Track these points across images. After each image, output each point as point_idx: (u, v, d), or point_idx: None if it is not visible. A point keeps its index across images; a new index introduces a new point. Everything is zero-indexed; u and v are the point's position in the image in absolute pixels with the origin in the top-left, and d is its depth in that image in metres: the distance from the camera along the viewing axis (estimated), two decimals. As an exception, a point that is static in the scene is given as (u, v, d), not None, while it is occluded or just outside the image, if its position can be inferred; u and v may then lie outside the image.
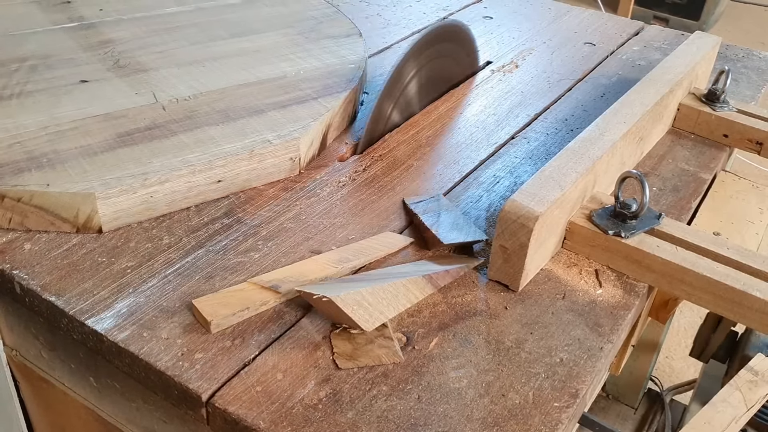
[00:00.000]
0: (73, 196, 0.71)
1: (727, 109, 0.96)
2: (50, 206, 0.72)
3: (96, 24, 1.06)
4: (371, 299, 0.62)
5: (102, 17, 1.08)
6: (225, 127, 0.83)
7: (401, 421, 0.56)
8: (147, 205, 0.75)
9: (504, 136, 0.95)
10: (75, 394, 0.76)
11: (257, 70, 0.97)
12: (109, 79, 0.92)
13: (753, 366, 0.66)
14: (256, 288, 0.66)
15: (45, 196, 0.71)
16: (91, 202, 0.72)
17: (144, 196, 0.74)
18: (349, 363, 0.60)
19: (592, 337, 0.65)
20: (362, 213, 0.79)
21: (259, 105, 0.89)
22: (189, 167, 0.76)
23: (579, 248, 0.74)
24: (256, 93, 0.92)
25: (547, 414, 0.58)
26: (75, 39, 1.02)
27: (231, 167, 0.78)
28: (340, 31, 1.10)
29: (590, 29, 1.29)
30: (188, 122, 0.84)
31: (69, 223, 0.73)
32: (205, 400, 0.57)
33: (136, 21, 1.09)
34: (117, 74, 0.94)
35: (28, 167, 0.75)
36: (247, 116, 0.86)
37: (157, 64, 0.97)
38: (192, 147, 0.79)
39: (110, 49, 1.00)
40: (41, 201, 0.71)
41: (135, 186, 0.73)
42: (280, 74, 0.97)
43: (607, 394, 1.46)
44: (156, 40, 1.04)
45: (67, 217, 0.72)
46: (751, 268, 0.68)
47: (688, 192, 0.87)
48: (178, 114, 0.86)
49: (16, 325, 0.76)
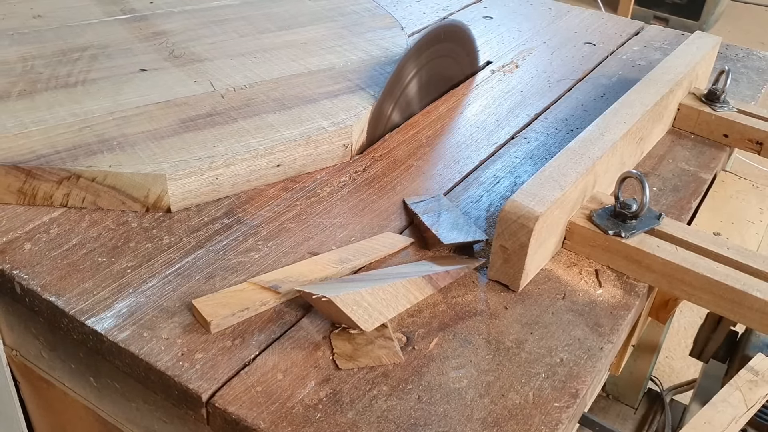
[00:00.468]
0: (145, 176, 0.75)
1: (727, 109, 0.96)
2: (122, 186, 0.76)
3: (148, 16, 1.12)
4: (370, 299, 0.62)
5: (153, 10, 1.15)
6: (281, 115, 0.88)
7: (401, 421, 0.56)
8: (212, 186, 0.79)
9: (504, 136, 0.95)
10: (75, 394, 0.76)
11: (306, 62, 1.02)
12: (167, 69, 0.97)
13: (753, 366, 0.66)
14: (256, 288, 0.66)
15: (118, 177, 0.76)
16: (162, 183, 0.76)
17: (210, 178, 0.78)
18: (349, 363, 0.60)
19: (592, 337, 0.65)
20: (362, 213, 0.79)
21: (312, 94, 0.94)
22: (252, 152, 0.80)
23: (579, 248, 0.74)
24: (308, 83, 0.97)
25: (547, 414, 0.58)
26: (130, 30, 1.08)
27: (290, 152, 0.83)
28: (381, 24, 1.16)
29: (590, 29, 1.29)
30: (246, 110, 0.89)
31: (139, 202, 0.77)
32: (205, 400, 0.57)
33: (186, 14, 1.15)
34: (174, 64, 0.99)
35: (100, 149, 0.79)
36: (302, 104, 0.91)
37: (211, 55, 1.02)
38: (253, 133, 0.84)
39: (164, 40, 1.05)
40: (114, 181, 0.76)
41: (202, 168, 0.77)
42: (329, 65, 1.02)
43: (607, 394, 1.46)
44: (207, 32, 1.09)
45: (138, 196, 0.76)
46: (751, 268, 0.68)
47: (688, 192, 0.87)
48: (236, 102, 0.91)
49: (16, 325, 0.77)
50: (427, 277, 0.67)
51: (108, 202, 0.77)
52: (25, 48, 0.99)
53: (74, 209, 0.77)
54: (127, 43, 1.04)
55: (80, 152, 0.78)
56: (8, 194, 0.76)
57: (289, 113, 0.88)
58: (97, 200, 0.77)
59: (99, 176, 0.76)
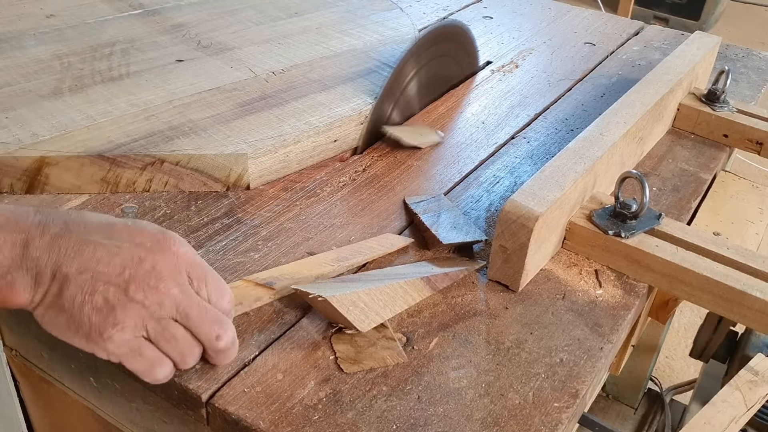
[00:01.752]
0: (227, 157, 0.79)
1: (727, 109, 0.96)
2: (205, 168, 0.79)
3: (159, 10, 1.15)
4: (367, 300, 0.62)
5: (162, 4, 1.17)
6: (328, 94, 0.93)
7: (401, 422, 0.56)
8: (284, 163, 0.84)
9: (504, 136, 0.95)
10: (75, 394, 0.76)
11: (328, 45, 1.08)
12: (201, 58, 1.01)
13: (753, 366, 0.66)
14: (250, 285, 0.66)
15: (201, 159, 0.79)
16: (243, 162, 0.80)
17: (282, 155, 0.83)
18: (354, 367, 0.60)
19: (592, 337, 0.65)
20: (362, 213, 0.79)
21: (347, 74, 0.99)
22: (314, 128, 0.85)
23: (579, 248, 0.74)
24: (339, 64, 1.02)
25: (547, 414, 0.58)
26: (148, 24, 1.10)
27: (344, 128, 0.89)
28: (381, 7, 1.23)
29: (590, 29, 1.29)
30: (293, 92, 0.94)
31: (221, 182, 0.81)
32: (205, 400, 0.57)
33: (195, 6, 1.18)
34: (205, 53, 1.02)
35: (175, 135, 0.82)
36: (342, 83, 0.96)
37: (237, 43, 1.06)
38: (309, 112, 0.89)
39: (186, 31, 1.08)
40: (197, 164, 0.79)
41: (276, 146, 0.82)
42: (350, 47, 1.07)
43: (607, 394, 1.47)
44: (222, 22, 1.13)
45: (220, 177, 0.80)
46: (751, 268, 0.68)
47: (688, 192, 0.87)
48: (280, 85, 0.95)
49: (16, 325, 0.76)
50: (426, 279, 0.67)
51: (190, 184, 0.80)
52: (54, 47, 1.00)
53: (73, 210, 0.77)
54: (151, 36, 1.06)
55: (157, 139, 0.81)
56: (92, 183, 0.78)
57: (333, 92, 0.94)
58: (180, 183, 0.80)
59: (183, 159, 0.78)
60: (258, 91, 0.93)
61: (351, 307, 0.61)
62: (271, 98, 0.91)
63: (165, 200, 0.79)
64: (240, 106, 0.89)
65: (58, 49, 0.99)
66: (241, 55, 1.02)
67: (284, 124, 0.85)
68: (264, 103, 0.90)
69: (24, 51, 0.98)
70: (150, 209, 0.77)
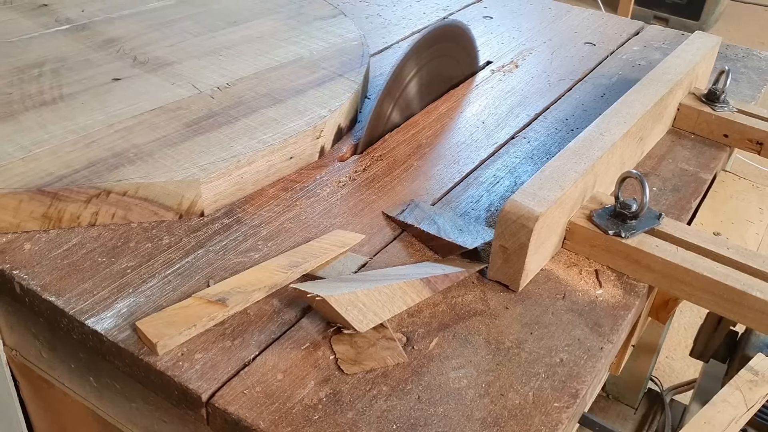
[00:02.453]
0: (179, 184, 0.74)
1: (727, 109, 0.96)
2: (155, 196, 0.75)
3: (88, 24, 1.07)
4: (366, 300, 0.62)
5: (90, 17, 1.09)
6: (279, 108, 0.89)
7: (401, 422, 0.56)
8: (239, 186, 0.79)
9: (504, 136, 0.95)
10: (75, 394, 0.76)
11: (273, 55, 1.02)
12: (140, 75, 0.94)
13: (753, 366, 0.66)
14: (201, 303, 0.64)
15: (150, 188, 0.74)
16: (195, 188, 0.75)
17: (236, 177, 0.78)
18: (354, 367, 0.60)
19: (592, 337, 0.65)
20: (362, 213, 0.79)
21: (296, 85, 0.94)
22: (269, 147, 0.81)
23: (579, 248, 0.74)
24: (287, 75, 0.97)
25: (547, 414, 0.58)
26: (77, 40, 1.02)
27: (300, 144, 0.84)
28: (324, 12, 1.17)
29: (590, 29, 1.29)
30: (242, 107, 0.89)
31: (172, 210, 0.76)
32: (205, 400, 0.57)
33: (126, 18, 1.10)
34: (143, 70, 0.96)
35: (120, 162, 0.77)
36: (292, 96, 0.91)
37: (176, 57, 1.00)
38: (261, 129, 0.84)
39: (119, 47, 1.01)
40: (146, 192, 0.74)
41: (230, 168, 0.77)
42: (297, 56, 1.02)
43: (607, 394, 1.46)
44: (158, 35, 1.05)
45: (171, 205, 0.75)
46: (751, 268, 0.68)
47: (688, 192, 0.87)
48: (227, 101, 0.90)
49: (16, 325, 0.77)
50: (425, 280, 0.67)
51: (139, 215, 0.75)
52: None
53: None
54: (82, 54, 0.98)
55: (101, 168, 0.75)
56: (31, 221, 0.73)
57: (284, 106, 0.89)
58: (128, 214, 0.75)
59: (131, 189, 0.74)
60: (204, 108, 0.87)
61: (349, 307, 0.61)
62: (219, 116, 0.86)
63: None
64: (187, 127, 0.84)
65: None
66: (181, 70, 0.96)
67: (236, 144, 0.81)
68: (212, 121, 0.85)
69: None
70: (150, 209, 0.77)
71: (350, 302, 0.61)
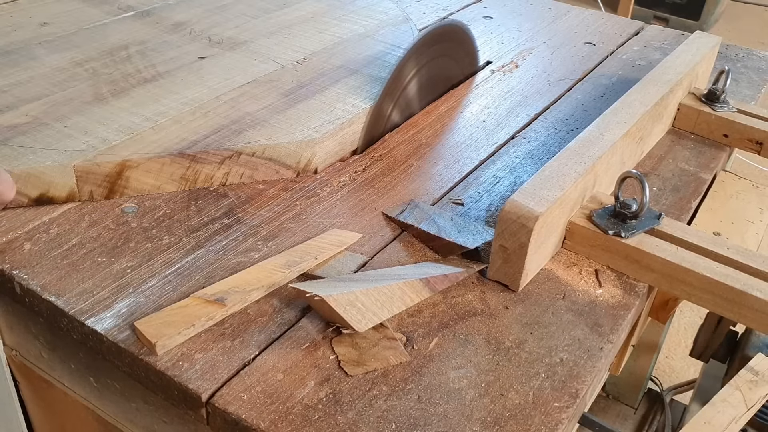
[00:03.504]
0: (299, 144, 0.82)
1: (727, 109, 0.96)
2: (279, 156, 0.82)
3: (150, 11, 1.15)
4: (365, 300, 0.62)
5: (149, 4, 1.17)
6: (357, 77, 0.97)
7: (401, 421, 0.56)
8: (341, 146, 0.87)
9: (504, 136, 0.95)
10: (75, 394, 0.76)
11: (333, 32, 1.11)
12: (221, 53, 1.03)
13: (753, 366, 0.66)
14: (200, 303, 0.64)
15: (275, 148, 0.82)
16: (312, 148, 0.83)
17: (340, 138, 0.86)
18: (358, 369, 0.60)
19: (592, 337, 0.65)
20: (362, 213, 0.79)
21: (364, 57, 1.03)
22: (362, 110, 0.89)
23: (579, 248, 0.74)
24: (352, 48, 1.06)
25: (547, 414, 0.58)
26: (147, 25, 1.10)
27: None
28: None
29: (590, 29, 1.29)
30: (326, 78, 0.97)
31: (292, 169, 0.83)
32: (205, 400, 0.57)
33: (183, 4, 1.18)
34: (222, 48, 1.04)
35: (241, 128, 0.84)
36: (364, 66, 1.00)
37: (247, 37, 1.08)
38: (350, 95, 0.93)
39: (189, 29, 1.09)
40: (272, 153, 0.82)
41: (336, 130, 0.85)
42: (353, 33, 1.11)
43: (607, 394, 1.47)
44: (219, 18, 1.14)
45: (291, 164, 0.83)
46: (751, 268, 0.68)
47: (688, 192, 0.87)
48: (311, 73, 0.98)
49: (16, 325, 0.77)
50: (425, 281, 0.67)
51: (264, 173, 0.82)
52: (68, 54, 0.99)
53: (74, 210, 0.77)
54: (158, 36, 1.06)
55: (227, 132, 0.83)
56: (170, 182, 0.79)
57: (361, 75, 0.98)
58: (254, 173, 0.82)
59: (258, 150, 0.81)
60: (293, 80, 0.96)
61: (348, 307, 0.61)
62: (309, 86, 0.94)
63: (165, 200, 0.79)
64: (285, 96, 0.92)
65: (73, 56, 0.99)
66: (256, 47, 1.04)
67: (335, 109, 0.89)
68: (305, 91, 0.93)
69: (39, 61, 0.97)
70: (150, 209, 0.77)
71: (349, 302, 0.61)
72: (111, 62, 0.97)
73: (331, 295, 0.60)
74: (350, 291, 0.61)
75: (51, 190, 0.76)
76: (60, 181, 0.76)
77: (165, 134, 0.82)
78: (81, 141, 0.80)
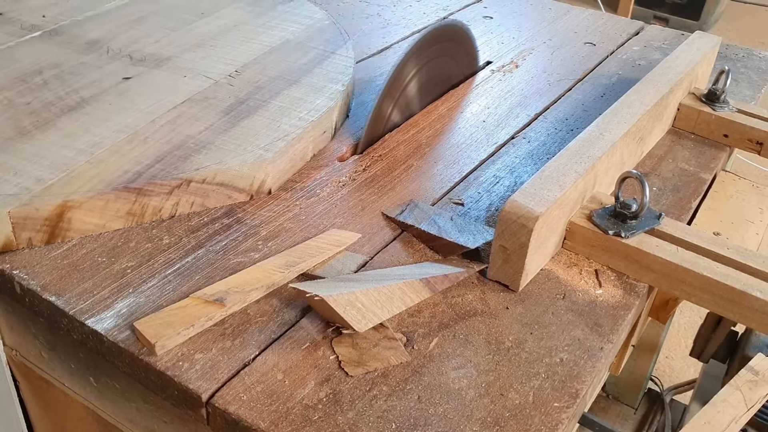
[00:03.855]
0: (251, 165, 0.78)
1: (727, 109, 0.96)
2: (230, 180, 0.77)
3: (58, 29, 1.04)
4: (364, 300, 0.62)
5: (56, 22, 1.06)
6: (298, 88, 0.93)
7: (401, 421, 0.56)
8: (293, 162, 0.84)
9: (504, 136, 0.95)
10: (75, 394, 0.76)
11: (259, 41, 1.04)
12: (147, 72, 0.95)
13: (753, 366, 0.66)
14: (199, 303, 0.64)
15: (226, 172, 0.77)
16: (264, 168, 0.79)
17: (291, 155, 0.83)
18: (358, 369, 0.60)
19: (592, 337, 0.65)
20: (362, 213, 0.79)
21: (300, 65, 0.98)
22: (310, 123, 0.85)
23: (579, 248, 0.74)
24: (285, 57, 1.00)
25: (547, 414, 0.58)
26: (59, 45, 1.00)
27: (330, 117, 0.90)
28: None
29: (590, 29, 1.29)
30: (264, 91, 0.92)
31: (245, 192, 0.79)
32: (205, 400, 0.57)
33: (93, 20, 1.08)
34: (147, 66, 0.96)
35: (187, 153, 0.78)
36: (303, 75, 0.96)
37: (171, 52, 1.00)
38: (294, 108, 0.88)
39: (106, 47, 1.00)
40: (223, 177, 0.77)
41: (286, 147, 0.81)
42: (282, 40, 1.05)
43: (607, 394, 1.46)
44: (136, 33, 1.05)
45: (244, 187, 0.79)
46: (751, 268, 0.68)
47: (688, 192, 0.86)
48: (247, 87, 0.93)
49: (16, 325, 0.77)
50: (425, 281, 0.67)
51: (215, 200, 0.78)
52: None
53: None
54: (73, 58, 0.96)
55: (171, 160, 0.77)
56: (116, 219, 0.74)
57: (302, 85, 0.93)
58: (205, 201, 0.77)
59: (209, 176, 0.76)
60: (230, 96, 0.90)
61: (348, 307, 0.61)
62: (248, 101, 0.89)
63: (165, 200, 0.79)
64: (225, 114, 0.86)
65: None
66: (183, 63, 0.97)
67: (281, 125, 0.84)
68: (245, 107, 0.87)
69: None
70: (150, 209, 0.77)
71: (349, 302, 0.61)
72: (26, 90, 0.88)
73: (331, 295, 0.60)
74: (350, 291, 0.61)
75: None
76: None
77: (104, 167, 0.75)
78: (12, 183, 0.72)
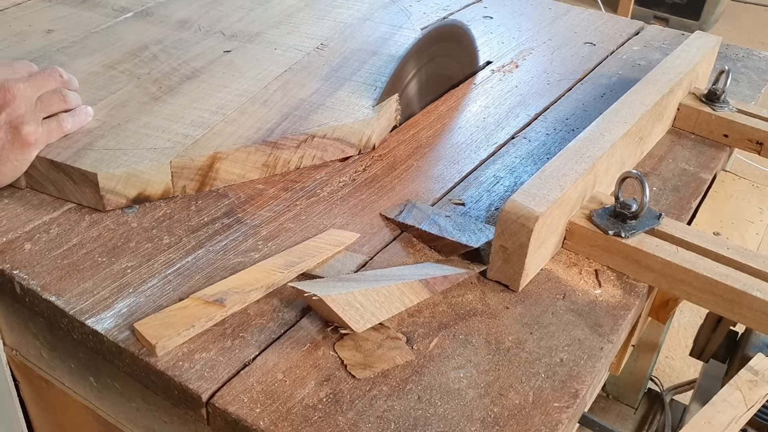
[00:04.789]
0: (362, 123, 0.87)
1: (727, 109, 0.96)
2: (345, 136, 0.86)
3: (147, 11, 1.14)
4: (363, 300, 0.62)
5: (142, 4, 1.15)
6: (379, 57, 1.01)
7: (401, 422, 0.56)
8: (389, 122, 0.93)
9: (504, 136, 0.95)
10: (75, 394, 0.76)
11: (332, 18, 1.14)
12: (243, 46, 1.03)
13: (753, 366, 0.66)
14: (199, 303, 0.64)
15: (342, 129, 0.86)
16: (372, 125, 0.88)
17: (388, 114, 0.91)
18: (366, 372, 0.60)
19: (592, 337, 0.65)
20: (362, 213, 0.79)
21: (374, 39, 1.07)
22: None
23: (579, 248, 0.74)
24: (360, 31, 1.09)
25: (547, 414, 0.58)
26: (153, 24, 1.09)
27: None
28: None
29: (590, 29, 1.29)
30: (351, 60, 1.00)
31: (355, 147, 0.88)
32: (205, 400, 0.57)
33: (174, 2, 1.17)
34: (240, 42, 1.05)
35: (305, 113, 0.87)
36: (381, 46, 1.05)
37: (255, 29, 1.09)
38: (382, 74, 0.96)
39: (196, 25, 1.09)
40: (340, 133, 0.86)
41: (385, 107, 0.90)
42: (353, 17, 1.14)
43: (607, 394, 1.47)
44: (218, 13, 1.14)
45: (355, 142, 0.88)
46: (751, 268, 0.68)
47: (688, 192, 0.87)
48: (335, 57, 1.01)
49: (16, 325, 0.77)
50: (424, 281, 0.67)
51: (332, 154, 0.87)
52: (93, 58, 0.97)
53: (74, 210, 0.77)
54: (170, 35, 1.06)
55: (294, 118, 0.86)
56: (254, 170, 0.82)
57: (382, 55, 1.02)
58: (324, 155, 0.86)
59: (329, 132, 0.85)
60: (325, 65, 0.98)
61: (346, 307, 0.61)
62: (342, 69, 0.98)
63: (165, 200, 0.79)
64: (325, 80, 0.94)
65: (100, 59, 0.97)
66: (271, 38, 1.05)
67: (376, 89, 0.92)
68: (341, 74, 0.96)
69: (68, 67, 0.93)
70: (150, 209, 0.77)
71: (347, 302, 0.61)
72: (140, 63, 0.97)
73: (330, 295, 0.60)
74: (349, 291, 0.61)
75: (148, 189, 0.78)
76: (157, 179, 0.77)
77: (238, 125, 0.84)
78: (164, 138, 0.80)
